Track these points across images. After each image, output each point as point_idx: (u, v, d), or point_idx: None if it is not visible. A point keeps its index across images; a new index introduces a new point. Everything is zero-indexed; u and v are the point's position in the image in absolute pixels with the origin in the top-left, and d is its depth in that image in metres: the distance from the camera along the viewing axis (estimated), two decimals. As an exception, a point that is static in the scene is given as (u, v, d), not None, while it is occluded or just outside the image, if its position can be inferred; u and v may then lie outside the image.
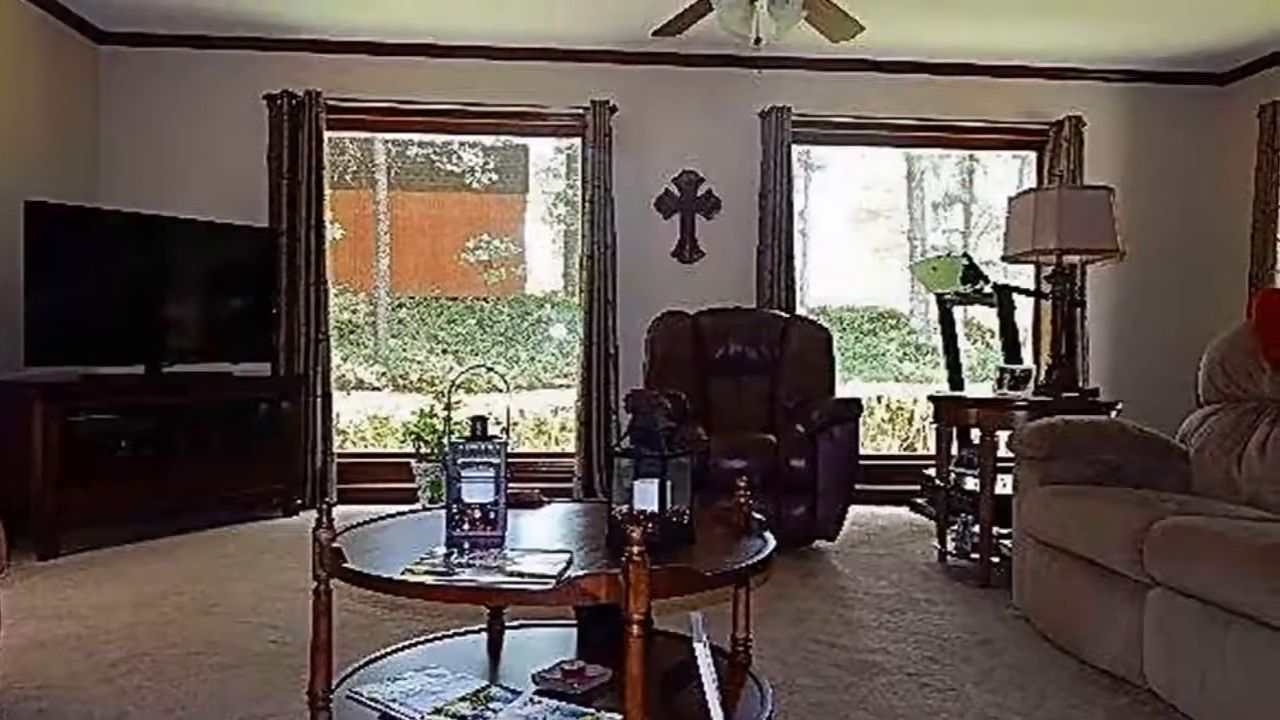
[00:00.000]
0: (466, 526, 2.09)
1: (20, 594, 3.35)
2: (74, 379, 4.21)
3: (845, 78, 5.54)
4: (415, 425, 5.29)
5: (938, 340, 5.50)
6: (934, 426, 4.25)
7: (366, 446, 7.14)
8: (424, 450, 5.21)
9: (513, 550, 2.01)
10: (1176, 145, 5.73)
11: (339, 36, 5.26)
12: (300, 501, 5.03)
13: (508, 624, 2.57)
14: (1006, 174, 8.57)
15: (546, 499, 2.64)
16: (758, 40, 3.67)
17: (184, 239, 4.70)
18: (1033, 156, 5.87)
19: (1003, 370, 4.08)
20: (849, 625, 3.09)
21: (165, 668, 2.61)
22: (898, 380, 8.92)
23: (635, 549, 1.67)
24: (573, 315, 6.06)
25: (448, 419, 2.96)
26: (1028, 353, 5.37)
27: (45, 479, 3.90)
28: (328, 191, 5.27)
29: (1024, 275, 5.64)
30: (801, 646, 2.85)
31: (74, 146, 5.06)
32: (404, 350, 8.65)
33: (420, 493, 5.15)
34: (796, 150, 5.52)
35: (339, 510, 4.60)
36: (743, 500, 2.30)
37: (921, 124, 5.62)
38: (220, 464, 4.61)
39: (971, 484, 4.21)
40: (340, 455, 5.38)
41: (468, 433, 2.13)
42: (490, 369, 7.81)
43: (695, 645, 1.93)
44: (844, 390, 4.77)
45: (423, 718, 1.93)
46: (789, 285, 5.41)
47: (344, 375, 7.84)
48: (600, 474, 5.28)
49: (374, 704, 2.01)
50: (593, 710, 1.96)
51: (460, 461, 2.09)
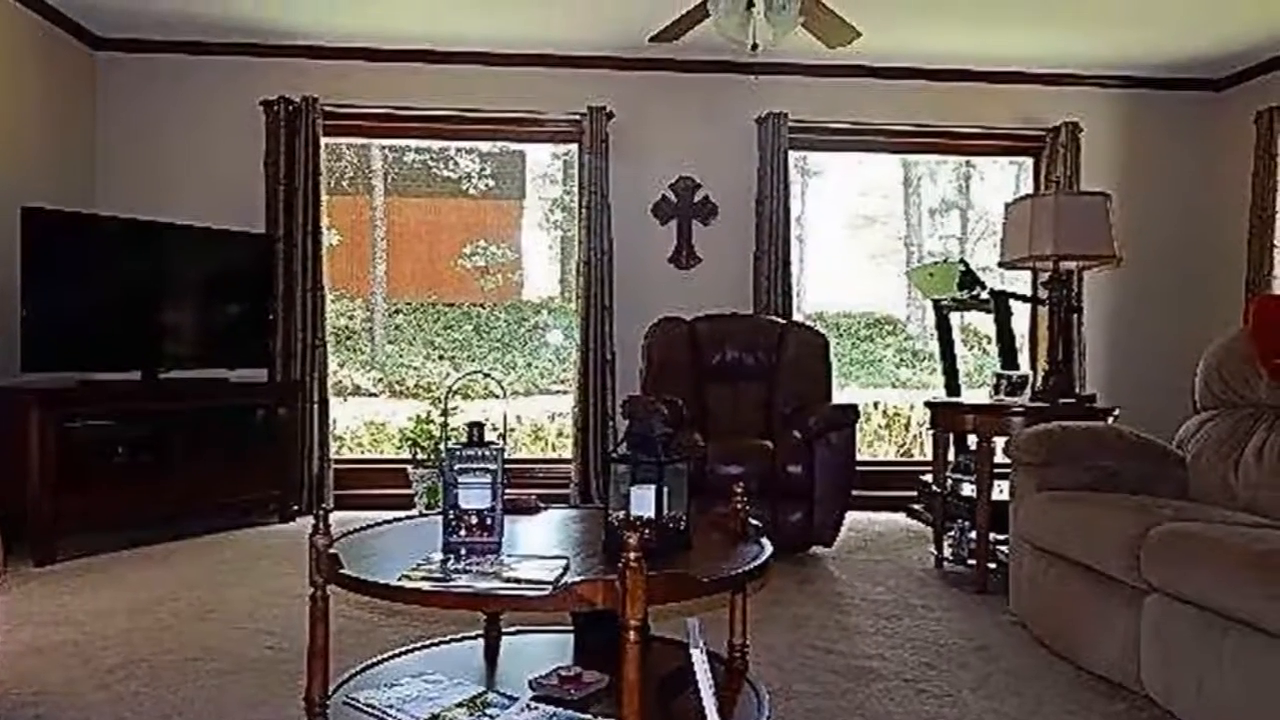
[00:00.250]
0: (463, 532, 2.09)
1: (17, 600, 3.34)
2: (71, 385, 4.21)
3: (842, 84, 5.55)
4: (412, 431, 5.28)
5: (934, 346, 5.51)
6: (931, 432, 4.25)
7: (363, 452, 7.13)
8: (421, 456, 5.20)
9: (509, 556, 2.02)
10: (1173, 151, 5.74)
11: (336, 42, 5.26)
12: (297, 507, 5.02)
13: (504, 630, 2.57)
14: (1003, 180, 8.60)
15: (543, 505, 2.64)
16: (754, 46, 3.68)
17: (181, 245, 4.70)
18: (1029, 162, 5.88)
19: (999, 376, 4.08)
20: (846, 631, 3.09)
21: (162, 674, 2.61)
22: (894, 386, 8.93)
23: (632, 555, 1.67)
24: (569, 321, 6.06)
25: (444, 425, 2.96)
26: (1024, 358, 5.37)
27: (42, 485, 3.90)
28: (324, 197, 5.27)
29: (1021, 281, 5.65)
30: (798, 652, 2.85)
31: (71, 152, 5.06)
32: (401, 356, 8.65)
33: (417, 499, 5.15)
34: (793, 156, 5.53)
35: (336, 516, 4.61)
36: (739, 506, 2.30)
37: (918, 130, 5.63)
38: (217, 470, 4.60)
39: (968, 490, 4.20)
40: (337, 461, 5.39)
41: (464, 439, 2.14)
42: (487, 375, 7.81)
43: (692, 651, 1.93)
44: (841, 396, 4.78)
45: (419, 724, 1.93)
46: (786, 291, 5.41)
47: (341, 381, 7.84)
48: (597, 480, 5.27)
49: (371, 710, 2.01)
50: (589, 716, 1.96)
51: (457, 467, 2.09)
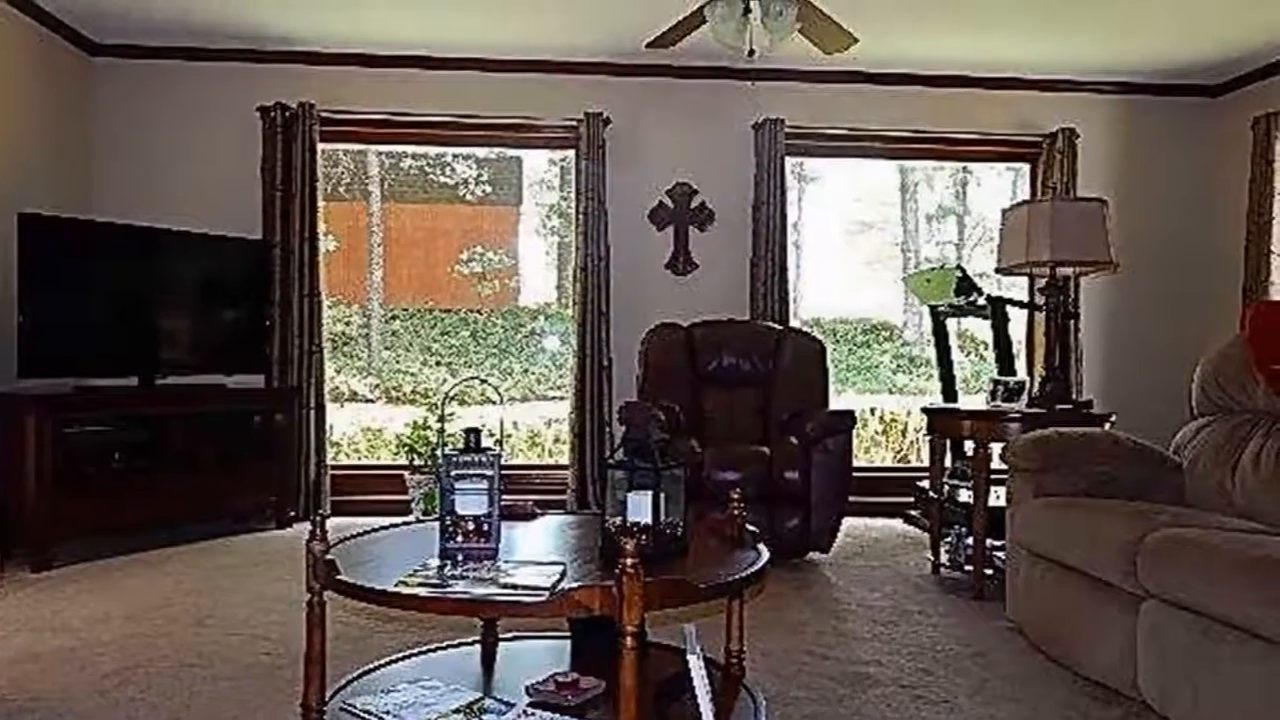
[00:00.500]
0: (460, 538, 2.09)
1: (13, 606, 3.34)
2: (67, 391, 4.20)
3: (839, 90, 5.56)
4: (409, 437, 5.28)
5: (931, 352, 5.51)
6: (927, 438, 4.26)
7: (360, 458, 7.13)
8: (417, 462, 5.19)
9: (506, 562, 2.01)
10: (1170, 157, 5.75)
11: (332, 48, 5.27)
12: (294, 513, 5.01)
13: (501, 636, 2.57)
14: (1000, 186, 8.63)
15: (540, 511, 2.64)
16: (751, 52, 3.69)
17: (177, 251, 4.70)
18: (1026, 168, 5.89)
19: (996, 382, 4.09)
20: (843, 637, 3.09)
21: (158, 680, 2.60)
22: (891, 392, 8.95)
23: (629, 561, 1.67)
24: (566, 327, 6.06)
25: (441, 431, 2.94)
26: (1021, 365, 5.38)
27: (38, 491, 3.89)
28: (321, 203, 5.27)
29: (1018, 287, 5.66)
30: (795, 658, 2.85)
31: (67, 158, 5.05)
32: (397, 362, 8.66)
33: (414, 505, 5.14)
34: (790, 162, 5.55)
35: (332, 522, 4.61)
36: (736, 512, 2.31)
37: (915, 136, 5.64)
38: (214, 476, 4.59)
39: (965, 496, 4.21)
40: (334, 467, 5.38)
41: (461, 445, 2.14)
42: (484, 381, 7.81)
43: (689, 657, 1.93)
44: (837, 402, 4.78)
45: (416, 731, 1.93)
46: (782, 297, 5.42)
47: (337, 387, 7.84)
48: (594, 486, 5.27)
49: (367, 716, 2.00)
50: (586, 723, 1.96)
51: (454, 474, 2.09)
